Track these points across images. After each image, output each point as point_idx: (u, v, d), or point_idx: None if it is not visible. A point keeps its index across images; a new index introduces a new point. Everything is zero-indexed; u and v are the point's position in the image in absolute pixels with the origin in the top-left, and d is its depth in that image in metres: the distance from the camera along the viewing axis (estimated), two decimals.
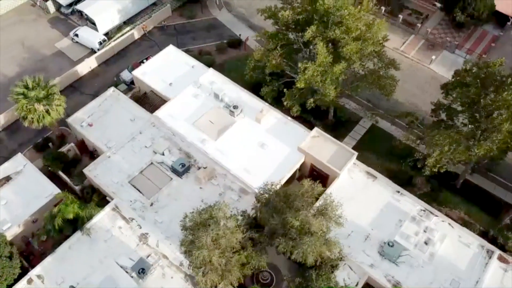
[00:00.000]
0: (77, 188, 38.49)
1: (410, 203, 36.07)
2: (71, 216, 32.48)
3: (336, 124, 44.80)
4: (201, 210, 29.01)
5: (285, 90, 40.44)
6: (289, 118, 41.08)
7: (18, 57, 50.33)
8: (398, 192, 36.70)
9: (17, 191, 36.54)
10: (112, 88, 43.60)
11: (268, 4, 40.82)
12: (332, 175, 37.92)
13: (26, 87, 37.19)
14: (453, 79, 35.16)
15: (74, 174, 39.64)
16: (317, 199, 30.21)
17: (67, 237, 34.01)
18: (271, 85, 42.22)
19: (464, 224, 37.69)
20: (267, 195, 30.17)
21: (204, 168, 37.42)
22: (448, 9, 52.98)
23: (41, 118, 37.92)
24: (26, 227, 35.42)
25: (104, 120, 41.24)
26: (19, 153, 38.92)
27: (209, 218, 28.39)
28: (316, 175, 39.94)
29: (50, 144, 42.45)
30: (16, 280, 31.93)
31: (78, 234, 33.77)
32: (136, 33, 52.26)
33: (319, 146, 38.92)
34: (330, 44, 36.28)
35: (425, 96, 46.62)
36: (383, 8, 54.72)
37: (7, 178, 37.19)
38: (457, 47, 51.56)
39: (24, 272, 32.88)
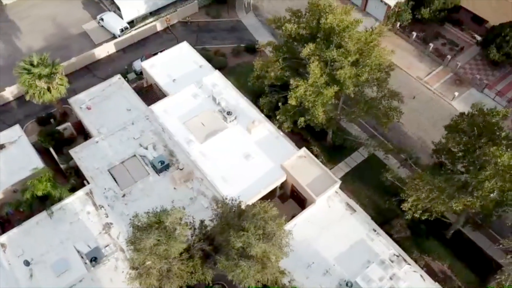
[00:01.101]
0: (62, 167, 39.71)
1: (384, 245, 33.70)
2: (40, 193, 33.55)
3: (334, 148, 42.87)
4: (153, 212, 28.76)
5: (280, 104, 39.22)
6: (281, 133, 39.84)
7: (46, 32, 52.82)
8: (375, 231, 34.43)
9: (6, 159, 38.25)
10: (118, 76, 44.50)
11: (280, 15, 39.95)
12: (309, 200, 36.32)
13: (31, 63, 38.77)
14: (451, 122, 32.34)
15: (64, 153, 40.91)
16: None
17: (41, 211, 35.18)
18: (270, 96, 41.16)
19: (443, 278, 34.84)
20: (224, 209, 29.30)
21: (181, 169, 37.20)
22: (485, 44, 49.00)
23: (41, 94, 39.44)
24: (6, 195, 36.94)
25: (102, 106, 42.19)
26: (17, 124, 40.77)
27: (157, 222, 28.12)
28: (296, 197, 38.67)
29: (52, 120, 44.12)
30: None
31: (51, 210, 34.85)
32: (159, 25, 53.06)
33: (303, 167, 37.39)
34: (330, 65, 34.56)
35: (436, 134, 43.21)
36: (414, 33, 51.71)
37: (1, 146, 39.04)
38: (486, 87, 47.57)
39: None
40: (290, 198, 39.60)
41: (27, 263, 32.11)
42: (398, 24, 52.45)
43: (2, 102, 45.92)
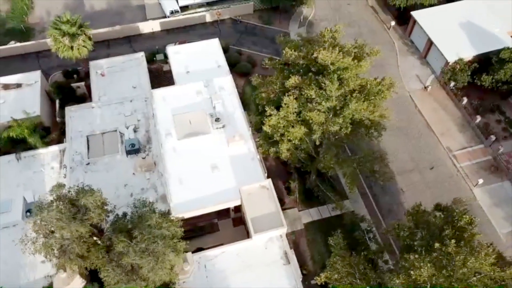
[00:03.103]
0: (58, 120, 42.57)
1: None
2: (14, 135, 36.59)
3: (314, 190, 39.51)
4: (76, 187, 29.43)
5: (262, 127, 37.16)
6: (258, 156, 37.81)
7: None
8: None
9: (15, 98, 42.18)
10: (142, 53, 46.18)
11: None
12: (250, 234, 34.10)
13: (61, 20, 41.87)
14: (410, 209, 27.58)
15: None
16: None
17: (29, 149, 38.33)
18: (262, 116, 39.16)
19: None
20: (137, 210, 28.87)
21: (143, 158, 37.49)
22: None
23: (64, 50, 42.47)
24: (1, 129, 40.66)
25: (115, 76, 44.18)
26: (39, 70, 44.58)
27: (74, 198, 28.74)
28: (245, 225, 36.62)
29: (75, 76, 47.41)
30: None
31: (21, 155, 37.78)
32: (208, 16, 53.63)
33: (260, 199, 35.14)
34: (308, 103, 31.66)
35: None
36: (465, 99, 45.01)
37: (18, 85, 43.14)
38: None
39: None
40: (242, 224, 37.64)
41: None
42: (453, 83, 46.05)
43: (46, 48, 50.47)
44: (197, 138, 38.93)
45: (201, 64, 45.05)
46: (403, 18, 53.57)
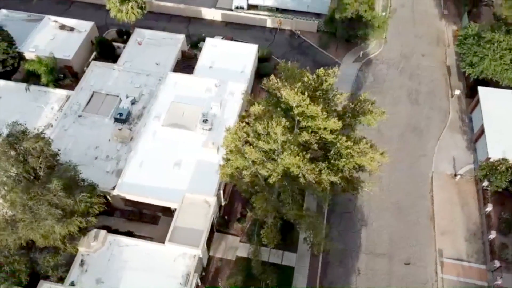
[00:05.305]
0: (85, 69, 46.04)
1: None
2: (31, 68, 40.95)
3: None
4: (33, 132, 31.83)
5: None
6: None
7: None
8: None
9: (63, 38, 46.62)
10: (183, 35, 47.49)
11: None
12: None
13: None
14: None
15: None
16: None
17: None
18: None
19: None
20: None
21: (119, 129, 38.73)
22: None
23: (114, 10, 45.59)
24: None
25: (148, 49, 46.19)
26: (93, 22, 48.57)
27: (20, 139, 31.15)
28: None
29: (125, 36, 50.62)
30: None
31: (32, 87, 42.10)
32: (269, 22, 52.49)
33: (196, 211, 34.16)
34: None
35: None
36: (489, 205, 37.07)
37: (72, 28, 47.71)
38: None
39: None
40: None
41: None
42: (486, 183, 38.27)
43: None
44: (179, 131, 39.03)
45: (227, 64, 44.62)
46: (475, 91, 45.82)
